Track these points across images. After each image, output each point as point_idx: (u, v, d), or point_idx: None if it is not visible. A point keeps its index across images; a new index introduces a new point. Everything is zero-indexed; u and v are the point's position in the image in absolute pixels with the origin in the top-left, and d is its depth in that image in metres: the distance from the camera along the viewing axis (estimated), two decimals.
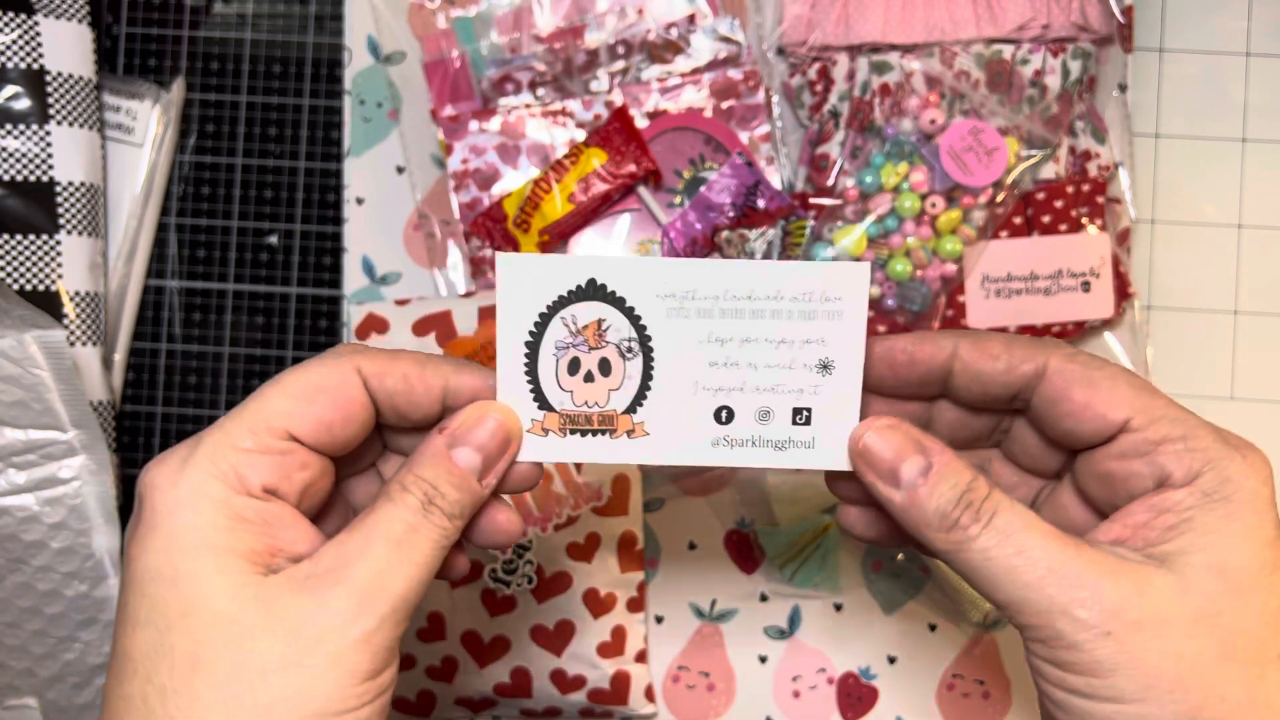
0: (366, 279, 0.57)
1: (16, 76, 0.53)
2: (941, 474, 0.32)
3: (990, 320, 0.54)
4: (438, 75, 0.56)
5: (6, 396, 0.50)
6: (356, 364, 0.33)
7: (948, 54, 0.54)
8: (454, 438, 0.33)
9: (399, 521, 0.31)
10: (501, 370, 0.34)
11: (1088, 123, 0.55)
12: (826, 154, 0.55)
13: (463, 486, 0.33)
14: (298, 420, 0.32)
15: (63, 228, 0.54)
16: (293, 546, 0.32)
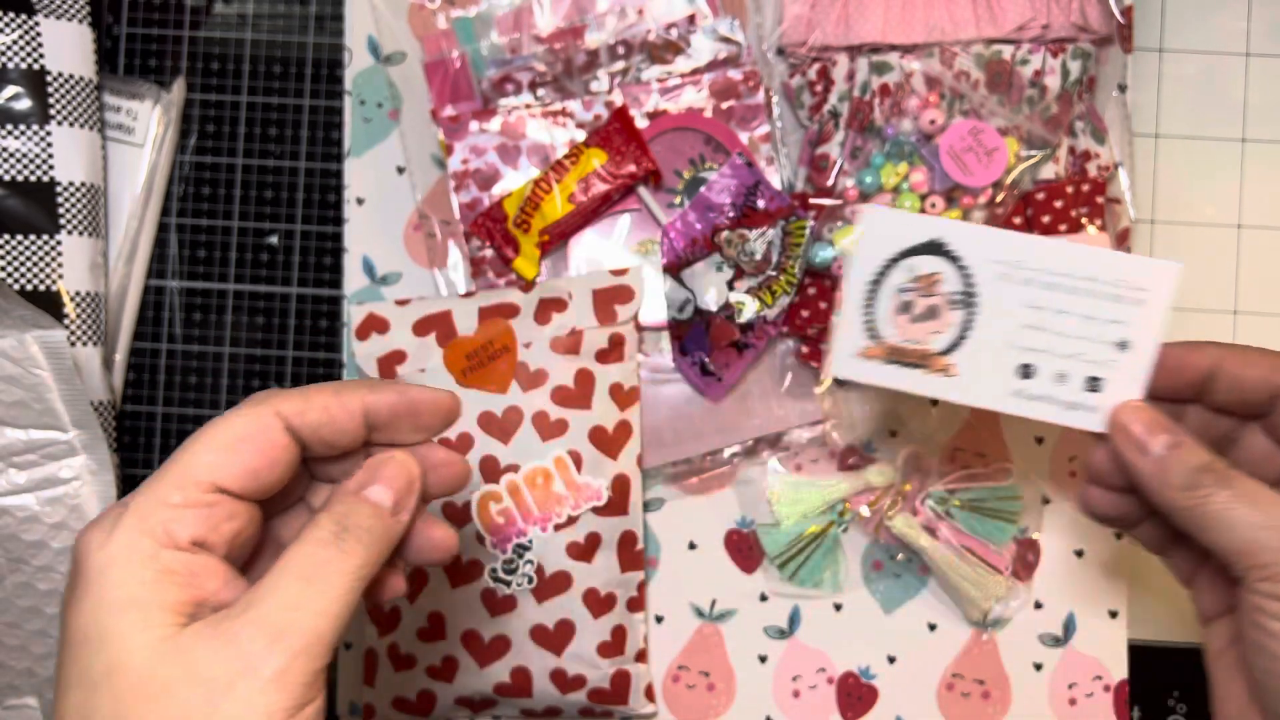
0: (367, 279, 0.57)
1: (17, 77, 0.53)
2: (1189, 448, 0.39)
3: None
4: (438, 75, 0.56)
5: (7, 396, 0.50)
6: (275, 408, 0.34)
7: (947, 54, 0.54)
8: (361, 482, 0.35)
9: (308, 556, 0.32)
10: (846, 302, 0.42)
11: (1088, 123, 0.54)
12: (826, 154, 0.54)
13: (375, 516, 0.34)
14: (223, 471, 0.33)
15: (63, 228, 0.54)
16: (218, 595, 0.32)
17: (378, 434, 0.37)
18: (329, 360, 0.58)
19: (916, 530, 0.55)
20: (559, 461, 0.53)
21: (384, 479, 0.35)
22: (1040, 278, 0.41)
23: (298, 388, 0.35)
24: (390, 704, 0.55)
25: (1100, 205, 0.53)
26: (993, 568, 0.55)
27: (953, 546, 0.55)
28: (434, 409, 0.37)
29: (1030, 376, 0.42)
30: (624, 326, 0.54)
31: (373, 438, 0.37)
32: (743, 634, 0.57)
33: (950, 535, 0.55)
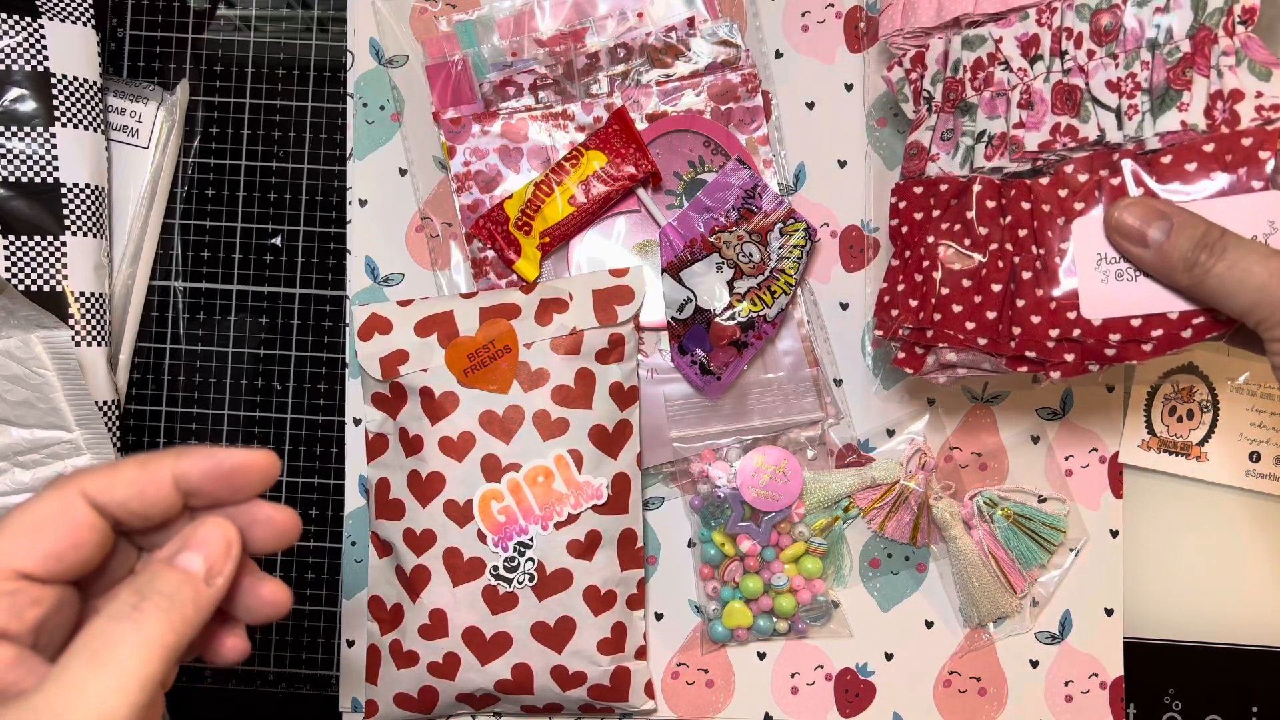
0: (369, 280, 0.58)
1: (22, 79, 0.53)
2: (1181, 229, 0.42)
3: (1110, 310, 0.45)
4: (440, 78, 0.56)
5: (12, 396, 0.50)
6: (79, 487, 0.33)
7: (1045, 11, 0.48)
8: (171, 550, 0.33)
9: (99, 633, 0.30)
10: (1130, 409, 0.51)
11: (1241, 57, 0.44)
12: (917, 141, 0.52)
13: (182, 582, 0.32)
14: (23, 558, 0.32)
15: (68, 229, 0.54)
16: (19, 684, 0.31)
17: (195, 499, 0.35)
18: (331, 360, 0.58)
19: (956, 518, 0.55)
20: (560, 460, 0.53)
21: (195, 544, 0.33)
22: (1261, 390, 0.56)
23: (105, 463, 0.34)
24: (393, 700, 0.55)
25: (1262, 161, 0.43)
26: (1010, 586, 0.56)
27: (982, 549, 0.55)
28: (249, 470, 0.35)
29: (1256, 461, 0.57)
30: (624, 326, 0.55)
31: (192, 503, 0.35)
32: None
33: (985, 538, 0.55)
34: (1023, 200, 0.47)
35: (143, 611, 0.31)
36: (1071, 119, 0.47)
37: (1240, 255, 0.41)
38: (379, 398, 0.55)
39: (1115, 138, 0.46)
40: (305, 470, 0.58)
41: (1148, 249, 0.43)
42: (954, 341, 0.48)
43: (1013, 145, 0.48)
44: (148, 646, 0.31)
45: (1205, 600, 0.58)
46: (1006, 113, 0.49)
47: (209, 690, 0.58)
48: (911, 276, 0.50)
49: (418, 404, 0.54)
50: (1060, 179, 0.47)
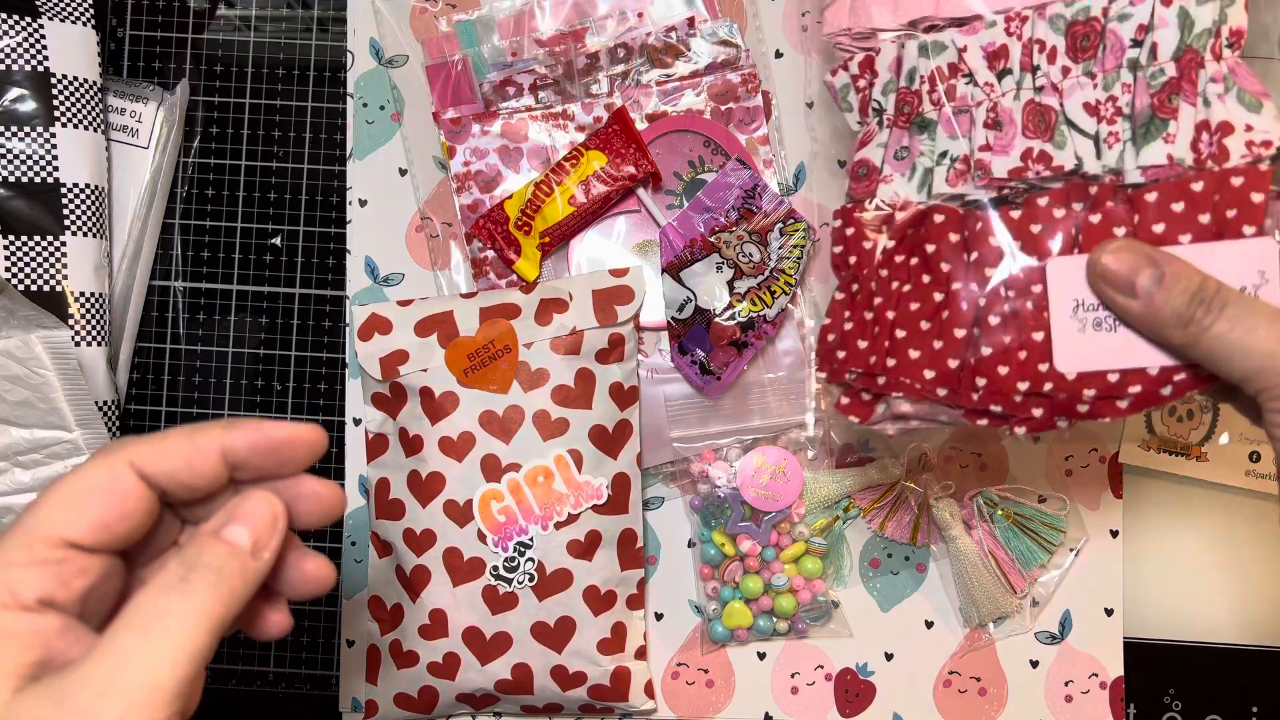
0: (369, 280, 0.58)
1: (22, 79, 0.53)
2: (1174, 279, 0.38)
3: (1086, 362, 0.40)
4: (439, 78, 0.56)
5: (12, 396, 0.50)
6: (127, 456, 0.33)
7: (1014, 20, 0.43)
8: (218, 523, 0.33)
9: (148, 604, 0.31)
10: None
11: (1229, 85, 0.40)
12: (866, 159, 0.46)
13: (230, 556, 0.32)
14: (72, 526, 0.32)
15: (68, 229, 0.54)
16: (66, 654, 0.31)
17: (241, 472, 0.35)
18: (331, 360, 0.58)
19: (956, 518, 0.55)
20: (560, 460, 0.53)
21: (242, 518, 0.33)
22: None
23: (154, 433, 0.34)
24: (393, 700, 0.55)
25: (1258, 205, 0.39)
26: (1010, 586, 0.56)
27: (982, 549, 0.55)
28: (296, 444, 0.35)
29: (1256, 461, 0.55)
30: (624, 326, 0.55)
31: (238, 476, 0.35)
32: None
33: (985, 538, 0.55)
34: (989, 235, 0.42)
35: (190, 584, 0.31)
36: (1045, 144, 0.42)
37: (1241, 315, 0.37)
38: (379, 398, 0.55)
39: (1093, 168, 0.41)
40: None
41: (1136, 299, 0.39)
42: (910, 391, 0.43)
43: (978, 170, 0.42)
44: (196, 619, 0.31)
45: (1205, 600, 0.58)
46: (970, 132, 0.43)
47: (209, 690, 0.58)
48: (861, 314, 0.45)
49: (418, 404, 0.54)
50: (1032, 212, 0.41)
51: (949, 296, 0.42)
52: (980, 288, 0.42)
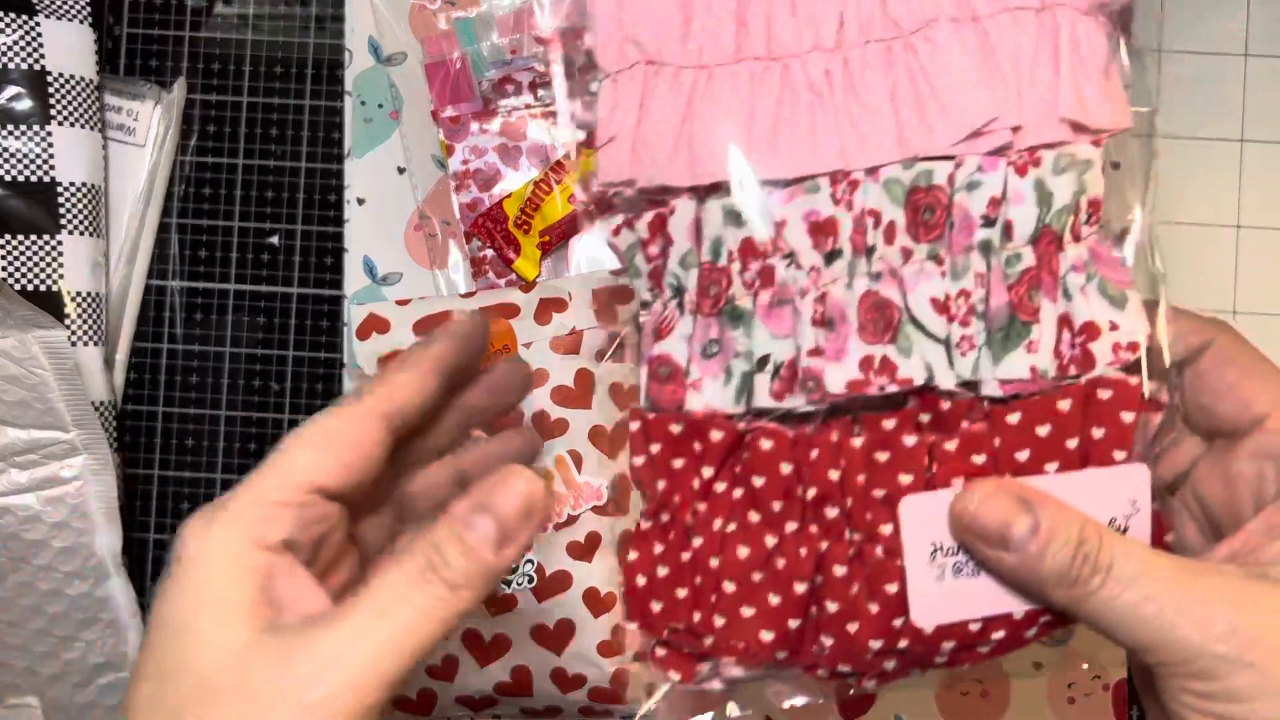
0: (368, 279, 0.58)
1: (18, 77, 0.53)
2: (1053, 529, 0.31)
3: (946, 614, 0.34)
4: (438, 76, 0.56)
5: (9, 396, 0.50)
6: (370, 401, 0.34)
7: (842, 183, 0.34)
8: (474, 503, 0.32)
9: (389, 587, 0.31)
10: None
11: (1091, 273, 0.34)
12: (666, 356, 0.36)
13: (472, 555, 0.31)
14: (319, 470, 0.33)
15: (64, 228, 0.54)
16: (299, 602, 0.32)
17: (470, 398, 0.37)
18: (330, 360, 0.58)
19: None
20: (559, 461, 0.53)
21: (491, 505, 0.32)
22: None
23: (376, 380, 0.35)
24: (391, 702, 0.55)
25: (1128, 425, 0.33)
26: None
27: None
28: (473, 328, 0.36)
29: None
30: (624, 326, 0.54)
31: (468, 404, 0.37)
32: None
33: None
34: (829, 467, 0.34)
35: (432, 580, 0.31)
36: (888, 348, 0.34)
37: (1132, 576, 0.31)
38: None
39: (945, 379, 0.34)
40: None
41: (1009, 552, 0.32)
42: (745, 656, 0.36)
43: (809, 382, 0.34)
44: (433, 615, 0.31)
45: None
46: (796, 331, 0.34)
47: None
48: (676, 555, 0.36)
49: None
50: (878, 438, 0.34)
51: (784, 541, 0.35)
52: (821, 530, 0.35)
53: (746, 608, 0.35)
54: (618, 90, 0.36)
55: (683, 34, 0.36)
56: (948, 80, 0.34)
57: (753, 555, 0.35)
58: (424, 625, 0.30)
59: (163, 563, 0.58)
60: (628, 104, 0.36)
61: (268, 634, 0.30)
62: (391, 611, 0.30)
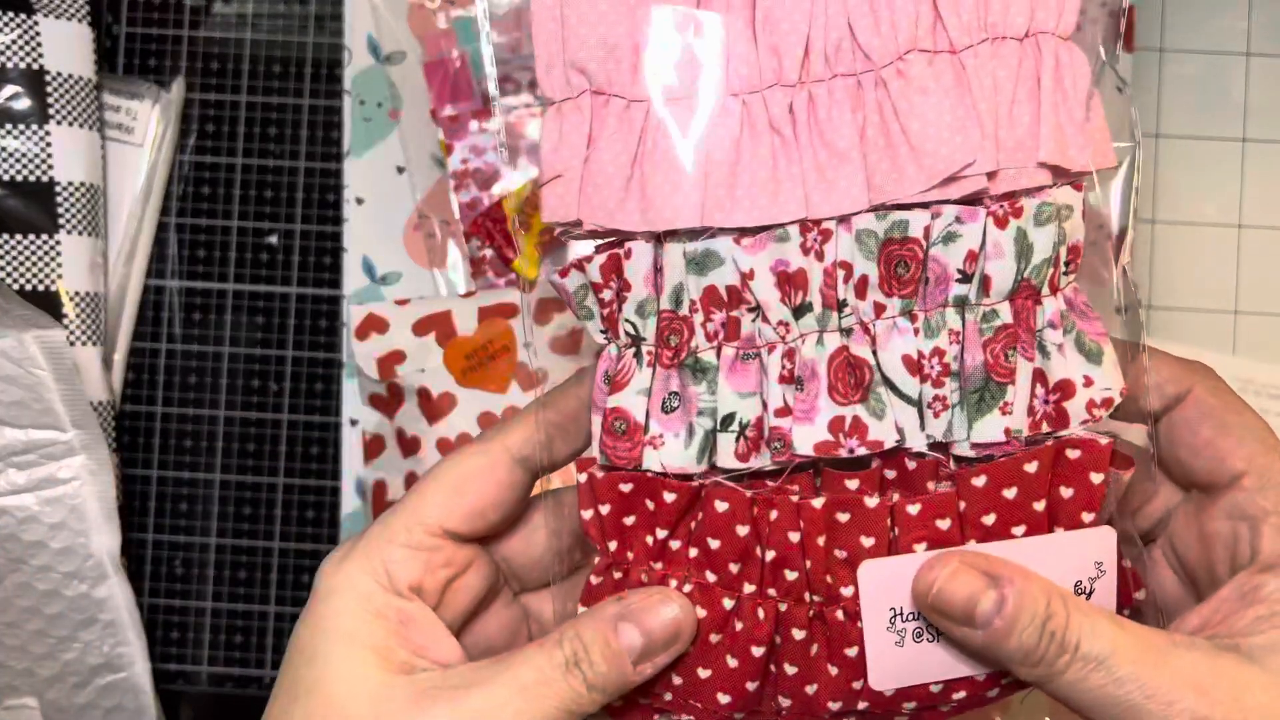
0: (366, 279, 0.57)
1: (16, 76, 0.53)
2: (1019, 607, 0.30)
3: (906, 678, 0.34)
4: (438, 75, 0.56)
5: (6, 396, 0.50)
6: (504, 443, 0.34)
7: (813, 231, 0.32)
8: (626, 611, 0.33)
9: (535, 669, 0.31)
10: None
11: (1069, 327, 0.33)
12: (622, 410, 0.33)
13: (614, 662, 0.32)
14: (449, 514, 0.33)
15: (63, 228, 0.54)
16: (429, 650, 0.33)
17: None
18: (329, 360, 0.58)
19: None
20: None
21: (643, 622, 0.32)
22: None
23: (530, 416, 0.35)
24: None
25: (1098, 486, 0.32)
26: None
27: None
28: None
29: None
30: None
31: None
32: None
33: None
34: (789, 529, 0.33)
35: (577, 672, 0.32)
36: (858, 408, 0.32)
37: (1100, 653, 0.29)
38: (376, 398, 0.55)
39: (917, 443, 0.33)
40: (302, 472, 0.58)
41: (975, 628, 0.31)
42: (701, 715, 0.35)
43: (775, 442, 0.33)
44: (564, 705, 0.31)
45: None
46: (762, 389, 0.33)
47: (206, 694, 0.58)
48: None
49: (415, 404, 0.54)
50: (840, 499, 0.33)
51: (741, 604, 0.34)
52: (780, 593, 0.33)
53: (703, 669, 0.34)
54: (563, 121, 0.33)
55: (632, 64, 0.33)
56: (921, 121, 0.31)
57: (710, 617, 0.34)
58: (557, 714, 0.31)
59: (161, 563, 0.58)
60: (574, 139, 0.33)
61: (403, 677, 0.31)
62: (533, 693, 0.31)
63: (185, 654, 0.57)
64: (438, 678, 0.31)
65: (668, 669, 0.34)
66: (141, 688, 0.53)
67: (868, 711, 0.34)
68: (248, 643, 0.57)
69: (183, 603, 0.57)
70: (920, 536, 0.33)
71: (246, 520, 0.58)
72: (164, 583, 0.57)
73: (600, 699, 0.32)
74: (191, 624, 0.57)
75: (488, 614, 0.37)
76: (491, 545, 0.36)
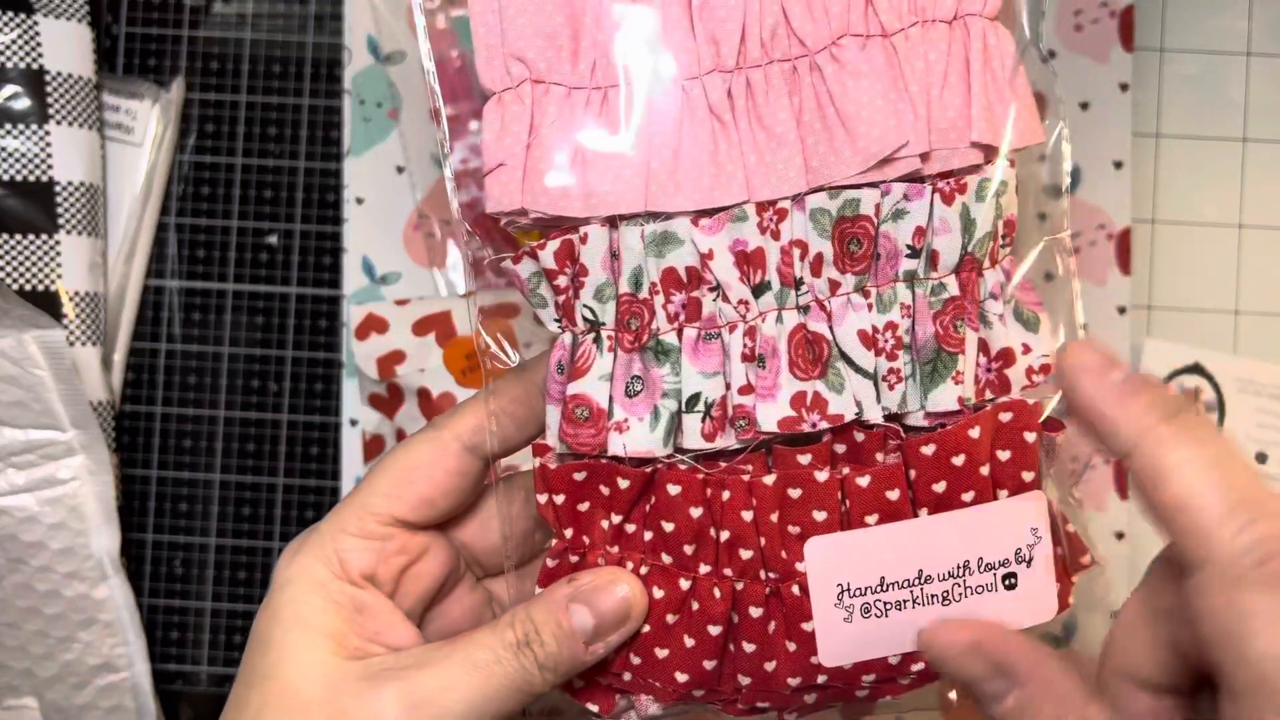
0: (366, 279, 0.57)
1: (16, 76, 0.53)
2: (1039, 698, 0.29)
3: (854, 655, 0.34)
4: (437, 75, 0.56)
5: (6, 396, 0.50)
6: (454, 431, 0.34)
7: (769, 211, 0.33)
8: (577, 592, 0.33)
9: (486, 648, 0.32)
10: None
11: (1009, 299, 0.34)
12: (584, 397, 0.33)
13: (565, 642, 0.32)
14: (398, 503, 0.34)
15: (62, 228, 0.54)
16: (383, 636, 0.33)
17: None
18: (328, 360, 0.58)
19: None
20: None
21: (595, 602, 0.33)
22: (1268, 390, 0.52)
23: (477, 404, 0.35)
24: None
25: (1032, 445, 0.33)
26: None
27: None
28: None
29: (1264, 462, 0.54)
30: None
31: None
32: None
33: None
34: (742, 508, 0.33)
35: (529, 652, 0.32)
36: (818, 384, 0.33)
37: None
38: (376, 399, 0.55)
39: (874, 415, 0.33)
40: (301, 472, 0.58)
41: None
42: (660, 694, 0.35)
43: (740, 420, 0.33)
44: (515, 684, 0.32)
45: None
46: (725, 367, 0.33)
47: (206, 694, 0.58)
48: None
49: (415, 405, 0.54)
50: (790, 476, 0.33)
51: (697, 584, 0.34)
52: (735, 572, 0.34)
53: (660, 649, 0.34)
54: (504, 111, 0.33)
55: (572, 52, 0.33)
56: (855, 105, 0.32)
57: (667, 598, 0.34)
58: (508, 694, 0.32)
59: (160, 563, 0.57)
60: (515, 127, 0.33)
61: (357, 661, 0.32)
62: (485, 671, 0.32)
63: (185, 654, 0.57)
64: (390, 660, 0.32)
65: (625, 649, 0.35)
66: (141, 688, 0.53)
67: (827, 685, 0.35)
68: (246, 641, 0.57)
69: (183, 603, 0.57)
70: (870, 509, 0.33)
71: (246, 520, 0.57)
72: (164, 583, 0.57)
73: (552, 679, 0.33)
74: (191, 624, 0.57)
75: (450, 599, 0.37)
76: (449, 531, 0.37)
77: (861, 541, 0.33)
